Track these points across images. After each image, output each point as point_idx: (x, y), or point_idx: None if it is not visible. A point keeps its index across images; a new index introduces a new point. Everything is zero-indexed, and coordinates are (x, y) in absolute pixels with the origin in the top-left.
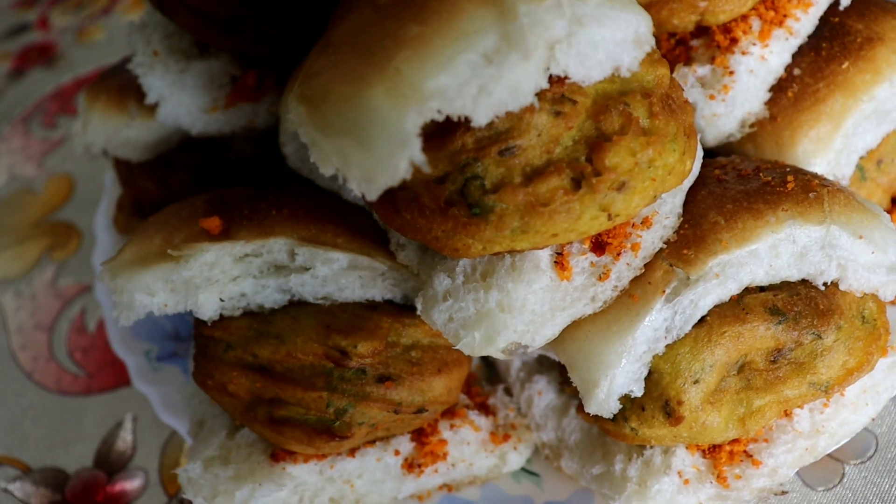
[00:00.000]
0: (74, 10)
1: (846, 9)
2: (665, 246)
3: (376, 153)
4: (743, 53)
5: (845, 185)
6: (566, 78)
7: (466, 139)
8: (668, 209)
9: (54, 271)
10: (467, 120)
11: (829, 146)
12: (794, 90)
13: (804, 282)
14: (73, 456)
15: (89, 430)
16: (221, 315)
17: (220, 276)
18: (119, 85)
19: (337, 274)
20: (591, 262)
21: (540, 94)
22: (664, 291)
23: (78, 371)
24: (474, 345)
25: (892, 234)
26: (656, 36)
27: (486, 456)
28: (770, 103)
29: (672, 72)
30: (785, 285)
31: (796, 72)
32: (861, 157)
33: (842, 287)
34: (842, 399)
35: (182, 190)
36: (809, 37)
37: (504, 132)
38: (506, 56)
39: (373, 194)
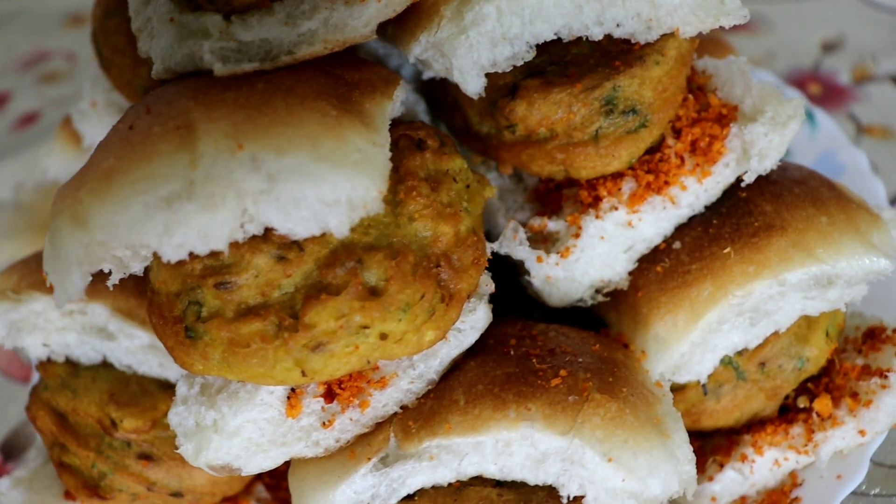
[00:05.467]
0: None
1: (762, 185)
2: (401, 410)
3: (58, 270)
4: (597, 217)
5: (702, 382)
6: (273, 229)
7: (195, 264)
8: (415, 373)
9: None
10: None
11: (683, 337)
12: (665, 265)
13: (550, 488)
14: None
15: (10, 416)
16: (49, 357)
17: (46, 325)
18: None
19: (137, 349)
20: (322, 407)
21: (265, 237)
22: (370, 459)
23: (27, 360)
24: (188, 455)
25: (665, 465)
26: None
27: None
28: (637, 274)
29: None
30: (524, 487)
31: (676, 245)
32: (737, 355)
33: None
34: None
35: None
36: (709, 207)
37: (226, 266)
38: (184, 203)
39: (61, 303)
